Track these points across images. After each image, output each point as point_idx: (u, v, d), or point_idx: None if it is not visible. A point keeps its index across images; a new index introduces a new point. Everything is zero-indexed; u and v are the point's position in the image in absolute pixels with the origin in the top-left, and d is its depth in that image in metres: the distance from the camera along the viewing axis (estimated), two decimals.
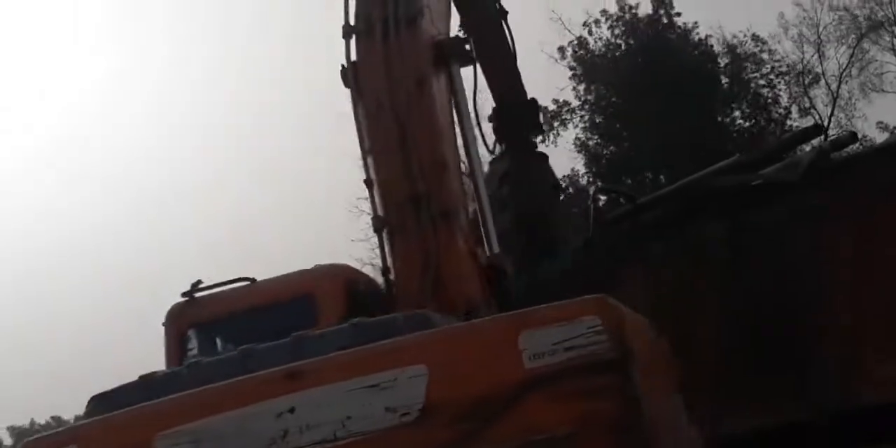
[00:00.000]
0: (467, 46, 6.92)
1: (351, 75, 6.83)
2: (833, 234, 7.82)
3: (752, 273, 8.12)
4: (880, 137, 30.71)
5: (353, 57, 6.87)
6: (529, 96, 9.80)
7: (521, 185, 9.34)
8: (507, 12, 9.26)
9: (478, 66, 7.70)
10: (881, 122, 33.31)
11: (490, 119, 9.60)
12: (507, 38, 9.29)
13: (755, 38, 34.31)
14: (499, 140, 9.65)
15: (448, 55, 6.74)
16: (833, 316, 7.71)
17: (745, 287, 8.11)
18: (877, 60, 35.15)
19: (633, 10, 33.90)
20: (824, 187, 7.96)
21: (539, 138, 10.05)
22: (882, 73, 35.09)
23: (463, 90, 6.75)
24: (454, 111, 6.83)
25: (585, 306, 4.63)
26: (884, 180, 7.69)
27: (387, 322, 5.13)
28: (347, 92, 6.90)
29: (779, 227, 8.07)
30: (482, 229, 6.71)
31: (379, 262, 6.70)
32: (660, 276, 8.18)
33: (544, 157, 9.94)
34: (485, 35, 9.15)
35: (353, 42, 6.88)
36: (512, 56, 9.39)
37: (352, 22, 6.92)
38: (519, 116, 9.65)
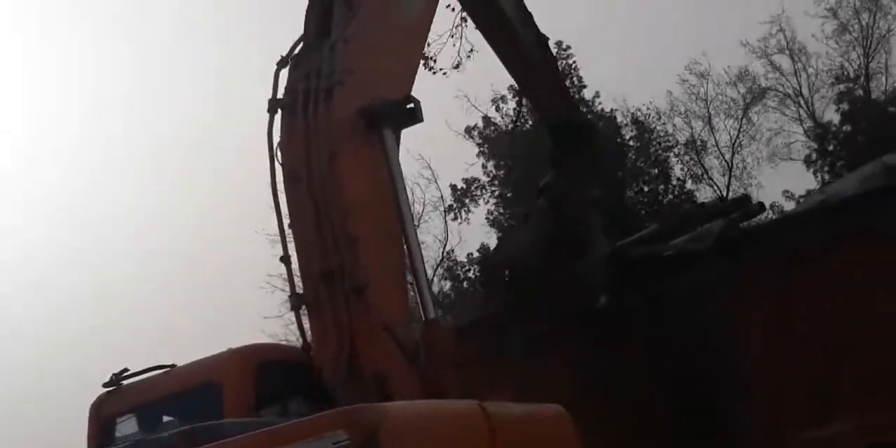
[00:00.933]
0: (410, 106, 6.79)
1: (269, 149, 6.77)
2: (747, 303, 7.88)
3: (671, 341, 8.15)
4: (788, 206, 31.54)
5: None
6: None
7: (556, 197, 9.39)
8: (547, 38, 9.54)
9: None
10: (787, 191, 34.27)
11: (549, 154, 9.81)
12: (553, 62, 9.51)
13: (657, 111, 35.34)
14: (551, 160, 9.81)
15: (380, 120, 6.66)
16: (753, 382, 7.73)
17: (665, 355, 8.13)
18: (784, 130, 36.44)
19: None
20: (736, 256, 8.04)
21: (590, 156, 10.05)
22: (791, 143, 36.31)
23: (396, 154, 6.65)
24: (391, 175, 6.70)
25: (334, 420, 4.37)
26: (793, 248, 7.79)
27: (155, 442, 4.98)
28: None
29: (693, 296, 8.14)
30: (418, 297, 6.61)
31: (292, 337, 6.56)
32: (581, 348, 8.15)
33: (594, 172, 10.05)
34: (530, 65, 9.41)
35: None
36: (560, 79, 9.59)
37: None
38: (568, 135, 9.75)
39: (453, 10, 17.41)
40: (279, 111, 6.81)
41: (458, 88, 33.93)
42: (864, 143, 31.69)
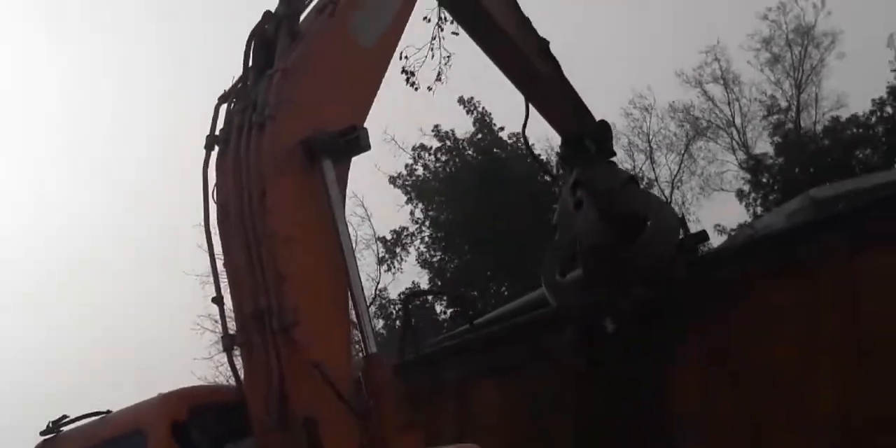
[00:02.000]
0: (354, 136, 6.57)
1: (203, 186, 6.67)
2: (681, 340, 7.90)
3: (606, 380, 8.16)
4: (718, 240, 31.86)
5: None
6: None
7: (594, 185, 9.02)
8: (548, 42, 9.02)
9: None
10: (718, 225, 34.64)
11: (558, 154, 9.45)
12: (557, 67, 9.05)
13: None
14: (565, 168, 9.52)
15: (317, 151, 6.48)
16: (685, 423, 7.73)
17: (600, 395, 8.13)
18: (717, 160, 36.89)
19: (462, 140, 34.75)
20: (665, 289, 8.07)
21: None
22: (723, 172, 36.79)
23: (335, 185, 6.53)
24: (333, 208, 6.54)
25: None
26: (722, 282, 7.85)
27: None
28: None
29: (626, 332, 8.14)
30: (360, 332, 6.50)
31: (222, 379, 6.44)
32: (515, 386, 8.12)
33: (612, 164, 9.59)
34: (537, 78, 8.95)
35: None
36: (572, 88, 9.17)
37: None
38: (582, 142, 9.31)
39: (429, 21, 17.15)
40: (216, 148, 6.69)
41: (385, 131, 33.80)
42: (797, 175, 32.25)
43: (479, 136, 34.86)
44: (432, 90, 18.96)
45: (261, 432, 6.09)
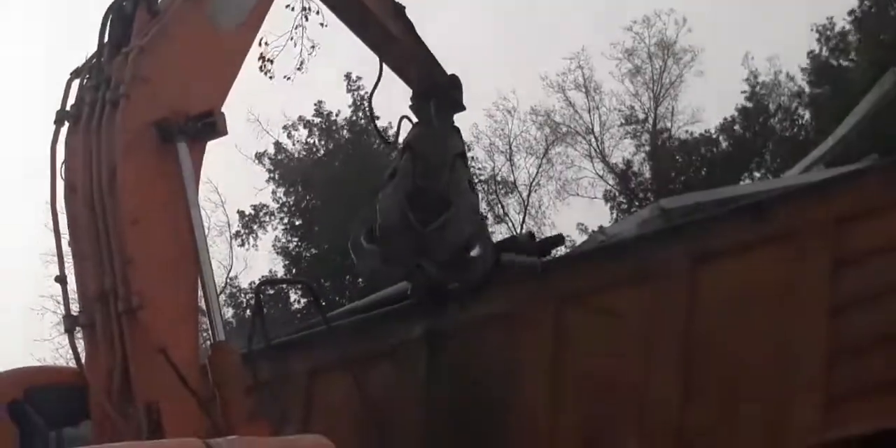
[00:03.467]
0: (211, 120, 6.49)
1: (51, 163, 6.52)
2: (525, 339, 8.04)
3: (451, 376, 8.27)
4: (580, 238, 32.45)
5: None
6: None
7: (417, 155, 9.00)
8: (403, 7, 9.03)
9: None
10: (581, 224, 35.25)
11: (410, 108, 9.39)
12: (411, 27, 9.06)
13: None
14: (416, 113, 9.42)
15: (172, 133, 6.39)
16: (530, 419, 7.88)
17: (445, 389, 8.24)
18: (575, 165, 37.52)
19: (333, 117, 34.54)
20: (516, 291, 8.21)
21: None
22: (579, 179, 37.48)
23: (189, 168, 6.45)
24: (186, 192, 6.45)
25: None
26: (569, 288, 8.00)
27: None
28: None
29: (474, 331, 8.26)
30: (208, 319, 6.45)
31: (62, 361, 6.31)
32: (364, 379, 8.15)
33: (455, 129, 9.62)
34: (391, 39, 8.95)
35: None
36: (425, 46, 9.20)
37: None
38: (431, 97, 9.33)
39: (292, 9, 17.03)
40: (66, 124, 6.56)
41: (250, 112, 33.35)
42: (652, 185, 33.15)
43: (354, 118, 34.63)
44: (290, 79, 18.99)
45: (99, 416, 6.01)
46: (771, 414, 7.12)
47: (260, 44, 16.91)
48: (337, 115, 34.55)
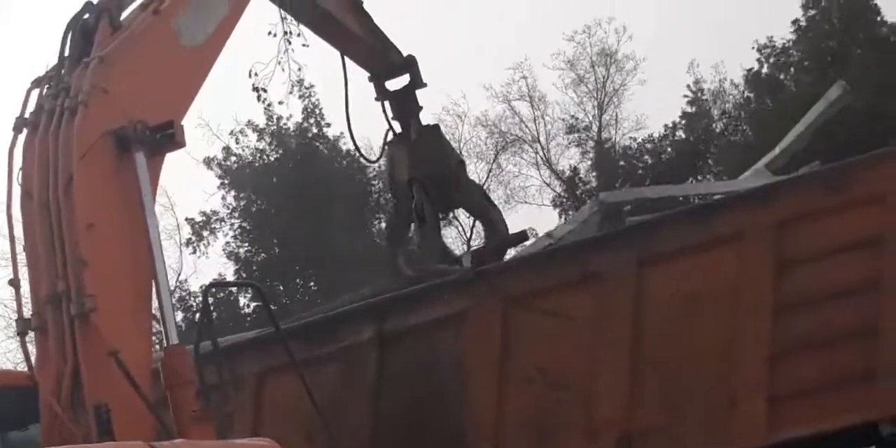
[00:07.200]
0: (170, 131, 6.59)
1: (8, 169, 6.58)
2: (473, 341, 8.08)
3: (400, 378, 8.32)
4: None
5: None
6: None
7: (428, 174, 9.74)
8: (362, 1, 9.39)
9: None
10: (532, 229, 35.38)
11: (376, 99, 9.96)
12: (369, 19, 9.40)
13: None
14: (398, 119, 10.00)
15: (130, 144, 6.47)
16: (478, 421, 7.93)
17: (394, 391, 8.29)
18: (522, 174, 37.66)
19: (283, 122, 34.42)
20: (463, 294, 8.25)
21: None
22: (527, 186, 37.64)
23: (146, 177, 6.51)
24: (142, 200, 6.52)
25: None
26: (518, 290, 8.05)
27: None
28: None
29: (425, 332, 8.30)
30: (161, 322, 6.49)
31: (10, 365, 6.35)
32: (314, 382, 8.19)
33: (436, 127, 10.65)
34: (343, 25, 9.30)
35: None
36: (379, 29, 9.54)
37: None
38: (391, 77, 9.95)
39: (274, 36, 17.08)
40: (24, 131, 6.64)
41: (200, 116, 33.09)
42: (605, 190, 33.46)
43: (305, 125, 34.53)
44: (284, 103, 19.10)
45: (49, 419, 6.02)
46: (715, 415, 7.26)
47: (250, 75, 17.34)
48: (288, 120, 34.46)
